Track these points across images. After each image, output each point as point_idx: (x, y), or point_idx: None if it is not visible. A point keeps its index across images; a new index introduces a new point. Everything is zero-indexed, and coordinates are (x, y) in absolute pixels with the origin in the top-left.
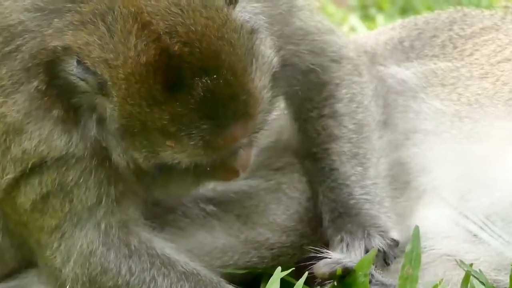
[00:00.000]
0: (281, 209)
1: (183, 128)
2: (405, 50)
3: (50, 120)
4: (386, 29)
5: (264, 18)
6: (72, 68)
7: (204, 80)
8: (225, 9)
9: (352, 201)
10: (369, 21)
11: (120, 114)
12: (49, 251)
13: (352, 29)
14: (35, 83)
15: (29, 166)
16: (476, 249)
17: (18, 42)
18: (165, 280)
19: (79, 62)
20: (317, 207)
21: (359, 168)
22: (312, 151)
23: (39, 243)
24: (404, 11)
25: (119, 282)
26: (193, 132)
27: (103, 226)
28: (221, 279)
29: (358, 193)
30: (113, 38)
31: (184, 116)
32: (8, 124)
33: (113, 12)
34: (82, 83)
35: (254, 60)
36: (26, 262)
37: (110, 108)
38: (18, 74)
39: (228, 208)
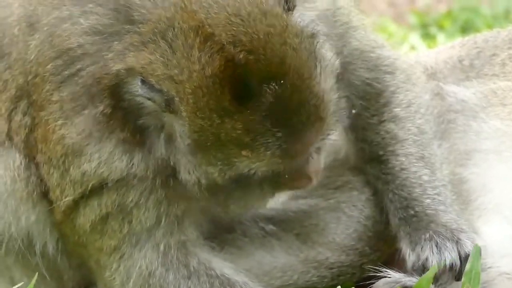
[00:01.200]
0: (341, 228)
1: (258, 137)
2: (465, 69)
3: (111, 141)
4: (446, 48)
5: (321, 29)
6: (137, 89)
7: (272, 87)
8: (284, 16)
9: (427, 200)
10: (430, 39)
11: (190, 129)
12: (108, 272)
13: (413, 47)
14: (101, 108)
15: (89, 188)
16: None
17: (78, 66)
18: None
19: (143, 81)
20: (384, 206)
21: (427, 170)
22: (377, 155)
23: (98, 264)
24: (465, 29)
25: None
26: (269, 140)
27: (161, 247)
28: None
29: (432, 193)
30: (175, 54)
31: (257, 125)
32: (67, 146)
33: (173, 29)
34: (148, 102)
35: (317, 63)
36: (85, 283)
37: (179, 124)
38: (80, 98)
39: (288, 227)
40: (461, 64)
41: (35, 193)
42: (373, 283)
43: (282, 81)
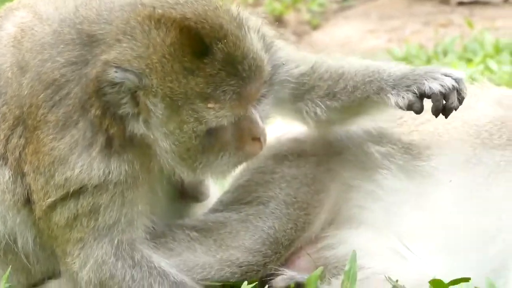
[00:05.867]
0: (248, 235)
1: (217, 87)
2: None
3: (93, 151)
4: None
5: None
6: (113, 76)
7: (220, 45)
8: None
9: (385, 74)
10: None
11: (163, 93)
12: (70, 258)
13: None
14: (93, 111)
15: (70, 192)
16: (401, 267)
17: (65, 91)
18: (160, 287)
19: (117, 67)
20: (361, 97)
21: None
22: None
23: (64, 252)
24: None
25: (123, 287)
26: (226, 88)
27: (115, 241)
28: None
29: (377, 65)
30: (137, 39)
31: (215, 77)
32: (55, 156)
33: (130, 25)
34: (125, 81)
35: (247, 31)
36: (49, 274)
37: (152, 96)
38: (73, 115)
39: (207, 234)
40: None
41: (19, 202)
42: (273, 279)
43: (225, 40)
